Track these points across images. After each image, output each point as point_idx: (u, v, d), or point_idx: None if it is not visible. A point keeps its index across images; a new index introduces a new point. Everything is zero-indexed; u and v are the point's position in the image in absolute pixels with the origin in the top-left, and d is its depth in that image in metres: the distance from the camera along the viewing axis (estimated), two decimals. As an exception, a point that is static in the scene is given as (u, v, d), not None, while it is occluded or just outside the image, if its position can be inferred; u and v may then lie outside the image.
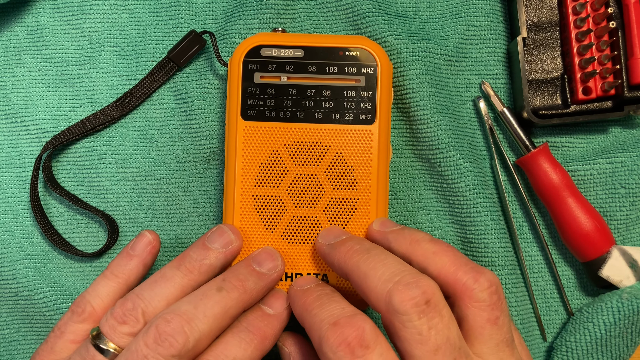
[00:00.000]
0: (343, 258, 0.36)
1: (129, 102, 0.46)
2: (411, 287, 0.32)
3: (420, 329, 0.31)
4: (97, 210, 0.45)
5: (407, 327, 0.31)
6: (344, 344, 0.31)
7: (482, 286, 0.33)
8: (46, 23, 0.47)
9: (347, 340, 0.31)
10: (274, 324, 0.37)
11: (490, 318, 0.33)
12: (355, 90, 0.41)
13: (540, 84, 0.45)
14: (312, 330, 0.33)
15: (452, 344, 0.31)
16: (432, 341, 0.31)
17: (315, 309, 0.34)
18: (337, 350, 0.31)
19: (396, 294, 0.32)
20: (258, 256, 0.39)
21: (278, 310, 0.38)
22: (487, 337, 0.33)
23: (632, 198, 0.45)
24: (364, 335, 0.31)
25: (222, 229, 0.39)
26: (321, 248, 0.39)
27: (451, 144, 0.44)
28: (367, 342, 0.31)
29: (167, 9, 0.47)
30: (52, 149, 0.45)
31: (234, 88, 0.41)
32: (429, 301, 0.32)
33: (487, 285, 0.33)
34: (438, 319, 0.31)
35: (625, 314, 0.41)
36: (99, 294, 0.39)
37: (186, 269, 0.37)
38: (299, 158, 0.41)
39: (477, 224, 0.44)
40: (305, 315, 0.35)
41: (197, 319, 0.34)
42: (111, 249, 0.46)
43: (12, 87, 0.47)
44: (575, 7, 0.44)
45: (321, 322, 0.32)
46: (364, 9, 0.45)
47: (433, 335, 0.31)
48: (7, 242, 0.46)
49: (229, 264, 0.39)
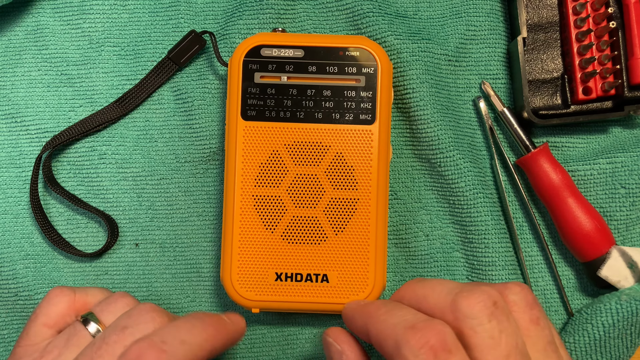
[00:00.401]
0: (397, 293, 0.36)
1: (129, 102, 0.46)
2: (476, 292, 0.32)
3: (491, 332, 0.31)
4: (97, 210, 0.45)
5: (478, 331, 0.31)
6: (427, 346, 0.30)
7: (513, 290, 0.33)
8: (46, 23, 0.47)
9: (429, 343, 0.30)
10: (229, 327, 0.36)
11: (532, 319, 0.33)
12: (356, 90, 0.41)
13: (541, 84, 0.45)
14: (385, 335, 0.32)
15: (521, 351, 0.31)
16: (504, 346, 0.31)
17: (383, 315, 0.33)
18: (419, 353, 0.30)
19: (462, 299, 0.31)
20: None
21: (234, 321, 0.37)
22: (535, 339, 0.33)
23: (632, 198, 0.45)
24: (446, 339, 0.30)
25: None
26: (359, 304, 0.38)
27: (451, 144, 0.44)
28: (450, 346, 0.30)
29: (167, 9, 0.47)
30: (52, 149, 0.45)
31: (234, 88, 0.41)
32: (496, 303, 0.31)
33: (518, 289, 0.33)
34: (507, 323, 0.31)
35: (624, 316, 0.41)
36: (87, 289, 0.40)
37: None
38: (299, 158, 0.41)
39: (477, 224, 0.44)
40: (372, 323, 0.33)
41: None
42: (111, 249, 0.46)
43: (12, 87, 0.47)
44: (576, 7, 0.44)
45: (395, 326, 0.31)
46: (364, 9, 0.45)
47: (504, 339, 0.31)
48: (7, 242, 0.46)
49: None
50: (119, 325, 0.35)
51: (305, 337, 0.45)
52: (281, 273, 0.41)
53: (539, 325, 0.33)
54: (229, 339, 0.36)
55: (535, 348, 0.32)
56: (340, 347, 0.35)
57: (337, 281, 0.41)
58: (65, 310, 0.38)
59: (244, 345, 0.45)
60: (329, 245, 0.41)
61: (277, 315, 0.45)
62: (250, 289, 0.41)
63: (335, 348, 0.36)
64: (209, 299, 0.46)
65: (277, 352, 0.45)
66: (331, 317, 0.45)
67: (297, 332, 0.45)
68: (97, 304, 0.38)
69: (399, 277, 0.46)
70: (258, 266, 0.41)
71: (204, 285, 0.46)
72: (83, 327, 0.36)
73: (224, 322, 0.37)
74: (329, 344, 0.36)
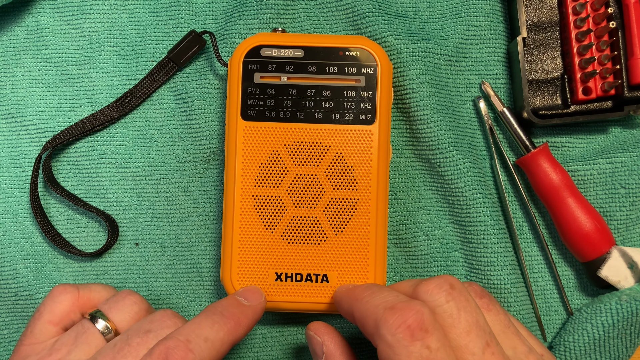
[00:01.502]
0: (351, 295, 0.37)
1: (129, 102, 0.46)
2: (432, 279, 0.33)
3: (450, 312, 0.32)
4: (97, 209, 0.45)
5: (438, 312, 0.32)
6: (404, 325, 0.31)
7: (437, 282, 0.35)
8: (46, 23, 0.47)
9: (406, 323, 0.31)
10: (248, 314, 0.37)
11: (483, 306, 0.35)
12: (355, 90, 0.41)
13: (540, 84, 0.45)
14: (366, 316, 0.33)
15: (482, 327, 0.32)
16: (463, 322, 0.32)
17: (367, 297, 0.34)
18: (396, 332, 0.31)
19: (422, 286, 0.33)
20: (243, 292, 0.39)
21: (253, 303, 0.38)
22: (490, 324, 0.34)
23: (632, 198, 0.45)
24: (424, 319, 0.31)
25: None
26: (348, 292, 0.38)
27: (451, 144, 0.44)
28: (427, 326, 0.31)
29: (167, 9, 0.47)
30: (52, 149, 0.45)
31: (234, 88, 0.41)
32: (454, 286, 0.33)
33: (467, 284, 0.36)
34: (465, 302, 0.32)
35: (624, 316, 0.41)
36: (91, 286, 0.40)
37: None
38: (299, 158, 0.41)
39: (477, 224, 0.44)
40: (356, 305, 0.35)
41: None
42: (111, 249, 0.46)
43: (12, 87, 0.47)
44: (575, 7, 0.44)
45: (376, 307, 0.33)
46: (364, 9, 0.45)
47: (463, 317, 0.32)
48: (8, 242, 0.46)
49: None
50: (142, 329, 0.35)
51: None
52: (281, 273, 0.41)
53: (491, 311, 0.35)
54: (248, 326, 0.37)
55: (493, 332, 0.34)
56: (321, 339, 0.36)
57: (337, 281, 0.41)
58: (70, 307, 0.39)
59: (244, 345, 0.45)
60: (329, 245, 0.41)
61: (277, 315, 0.45)
62: (250, 289, 0.41)
63: (315, 340, 0.37)
64: (209, 299, 0.46)
65: (277, 352, 0.45)
66: (331, 317, 0.45)
67: (297, 332, 0.45)
68: (105, 302, 0.38)
69: (399, 277, 0.46)
70: (258, 266, 0.41)
71: (204, 285, 0.46)
72: (92, 325, 0.37)
73: (243, 308, 0.37)
74: (310, 337, 0.37)
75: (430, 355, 0.30)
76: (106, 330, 0.36)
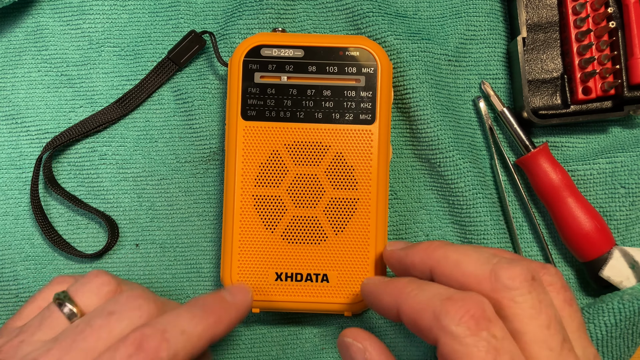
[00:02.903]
0: (426, 253, 0.35)
1: (129, 103, 0.46)
2: (515, 264, 0.32)
3: (532, 303, 0.31)
4: (97, 211, 0.45)
5: (519, 302, 0.31)
6: (467, 314, 0.30)
7: (549, 271, 0.34)
8: (46, 24, 0.47)
9: (470, 312, 0.30)
10: (231, 311, 0.36)
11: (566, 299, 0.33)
12: (355, 90, 0.41)
13: (540, 84, 0.45)
14: (419, 309, 0.32)
15: (559, 322, 0.31)
16: (544, 316, 0.31)
17: (414, 291, 0.33)
18: (460, 321, 0.29)
19: (503, 270, 0.31)
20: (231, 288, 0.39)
21: (238, 301, 0.37)
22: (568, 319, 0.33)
23: (632, 198, 0.45)
24: (485, 309, 0.30)
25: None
26: (394, 253, 0.38)
27: (451, 144, 0.44)
28: (489, 316, 0.30)
29: (167, 9, 0.47)
30: (52, 150, 0.45)
31: (234, 88, 0.41)
32: (535, 277, 0.31)
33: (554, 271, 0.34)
34: (544, 295, 0.31)
35: (626, 315, 0.41)
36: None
37: None
38: (299, 158, 0.41)
39: (477, 224, 0.44)
40: (403, 299, 0.33)
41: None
42: (111, 250, 0.46)
43: (12, 88, 0.47)
44: (575, 7, 0.44)
45: (430, 300, 0.31)
46: (364, 9, 0.45)
47: (544, 310, 0.31)
48: (8, 243, 0.46)
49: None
50: (106, 310, 0.34)
51: (305, 337, 0.45)
52: (281, 273, 0.41)
53: (572, 306, 0.33)
54: (230, 324, 0.36)
55: (569, 328, 0.32)
56: (362, 345, 0.34)
57: (337, 281, 0.41)
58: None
59: (244, 345, 0.45)
60: (329, 245, 0.41)
61: (277, 315, 0.45)
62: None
63: (356, 347, 0.35)
64: (209, 300, 0.46)
65: (277, 352, 0.45)
66: (331, 317, 0.45)
67: (297, 332, 0.45)
68: (74, 283, 0.37)
69: (399, 277, 0.46)
70: (258, 266, 0.41)
71: (204, 285, 0.46)
72: (57, 309, 0.36)
73: (225, 305, 0.37)
74: (348, 344, 0.35)
75: (497, 343, 0.29)
76: (71, 313, 0.35)
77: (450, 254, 0.34)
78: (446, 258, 0.34)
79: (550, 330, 0.30)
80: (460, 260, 0.33)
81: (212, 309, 0.36)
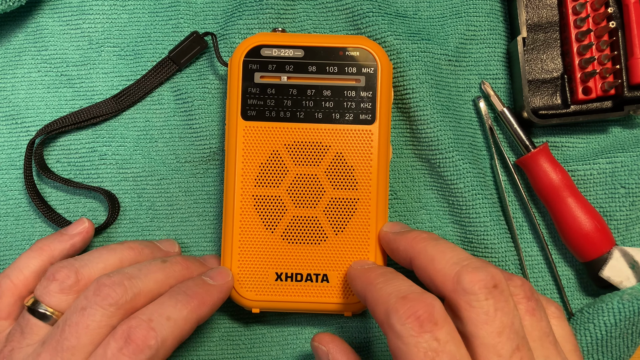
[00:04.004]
0: (410, 243, 0.37)
1: (126, 99, 0.46)
2: (480, 270, 0.32)
3: (487, 309, 0.32)
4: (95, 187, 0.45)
5: (474, 306, 0.32)
6: (414, 316, 0.31)
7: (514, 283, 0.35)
8: (45, 24, 0.47)
9: (416, 314, 0.31)
10: (213, 293, 0.38)
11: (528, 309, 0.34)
12: (355, 90, 0.41)
13: (540, 84, 0.45)
14: (378, 303, 0.33)
15: (517, 330, 0.32)
16: (498, 322, 0.31)
17: (381, 284, 0.34)
18: (405, 322, 0.31)
19: (466, 274, 0.32)
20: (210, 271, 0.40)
21: (219, 282, 0.39)
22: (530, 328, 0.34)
23: (632, 198, 0.45)
24: (434, 312, 0.31)
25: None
26: (386, 235, 0.40)
27: (451, 145, 0.44)
28: (436, 319, 0.31)
29: (167, 9, 0.47)
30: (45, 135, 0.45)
31: (234, 88, 0.41)
32: (497, 285, 0.32)
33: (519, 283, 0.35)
34: (504, 303, 0.32)
35: (626, 315, 0.41)
36: (19, 267, 0.40)
37: (129, 246, 0.40)
38: (299, 158, 0.41)
39: (477, 225, 0.44)
40: (369, 289, 0.35)
41: (138, 278, 0.37)
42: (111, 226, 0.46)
43: (12, 89, 0.47)
44: (575, 7, 0.44)
45: (389, 295, 0.33)
46: (364, 9, 0.45)
47: (499, 317, 0.31)
48: (9, 244, 0.46)
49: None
50: (78, 306, 0.36)
51: (305, 337, 0.45)
52: (281, 273, 0.41)
53: (534, 316, 0.34)
54: (213, 305, 0.38)
55: (530, 337, 0.33)
56: (326, 348, 0.37)
57: (337, 281, 0.41)
58: (11, 299, 0.39)
59: (244, 345, 0.45)
60: (329, 245, 0.41)
61: (277, 315, 0.45)
62: (250, 289, 0.41)
63: (321, 350, 0.37)
64: (209, 300, 0.46)
65: (277, 352, 0.45)
66: (331, 317, 0.45)
67: (297, 332, 0.45)
68: (39, 285, 0.38)
69: (399, 278, 0.46)
70: (258, 266, 0.41)
71: (204, 286, 0.46)
72: (31, 316, 0.37)
73: (207, 287, 0.38)
74: (315, 348, 0.38)
75: (438, 347, 0.30)
76: (45, 316, 0.37)
77: (429, 249, 0.35)
78: (424, 252, 0.35)
79: (501, 338, 0.31)
80: (434, 257, 0.35)
81: (195, 292, 0.37)
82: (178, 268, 0.39)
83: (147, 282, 0.37)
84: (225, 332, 0.45)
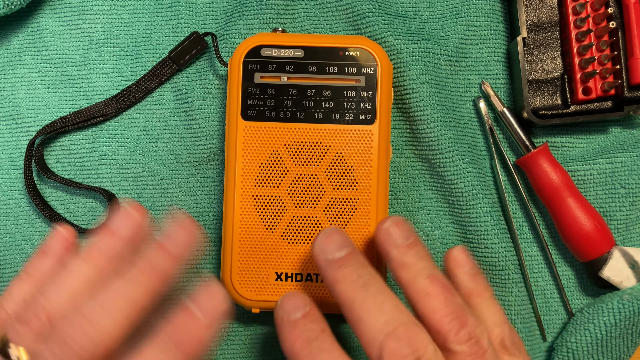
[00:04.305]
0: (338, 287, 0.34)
1: (126, 99, 0.46)
2: (403, 345, 0.31)
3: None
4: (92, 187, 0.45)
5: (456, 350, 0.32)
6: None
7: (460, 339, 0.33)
8: (46, 24, 0.47)
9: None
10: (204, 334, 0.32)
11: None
12: (356, 90, 0.41)
13: (540, 84, 0.45)
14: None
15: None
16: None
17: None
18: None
19: (387, 349, 0.31)
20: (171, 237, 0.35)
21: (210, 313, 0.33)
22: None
23: (632, 198, 0.45)
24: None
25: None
26: (317, 259, 0.36)
27: (451, 145, 0.44)
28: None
29: (167, 10, 0.47)
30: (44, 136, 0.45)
31: (234, 88, 0.41)
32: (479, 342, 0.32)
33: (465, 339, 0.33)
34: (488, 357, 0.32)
35: (625, 315, 0.41)
36: (13, 297, 0.35)
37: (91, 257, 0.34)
38: (299, 158, 0.41)
39: (477, 225, 0.44)
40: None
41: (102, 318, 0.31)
42: None
43: (13, 89, 0.47)
44: (575, 7, 0.44)
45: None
46: (364, 9, 0.45)
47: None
48: (9, 244, 0.46)
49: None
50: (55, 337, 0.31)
51: (306, 337, 0.45)
52: (281, 273, 0.41)
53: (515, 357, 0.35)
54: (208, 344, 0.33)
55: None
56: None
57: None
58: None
59: (244, 345, 0.45)
60: (329, 245, 0.41)
61: (277, 316, 0.45)
62: (250, 289, 0.41)
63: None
64: (209, 300, 0.46)
65: (277, 352, 0.45)
66: (331, 317, 0.45)
67: None
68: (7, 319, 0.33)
69: (399, 278, 0.46)
70: (258, 266, 0.41)
71: (204, 286, 0.46)
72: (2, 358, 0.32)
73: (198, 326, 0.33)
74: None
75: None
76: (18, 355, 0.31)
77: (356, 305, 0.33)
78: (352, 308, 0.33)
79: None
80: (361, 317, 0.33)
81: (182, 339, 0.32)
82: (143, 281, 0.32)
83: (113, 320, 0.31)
84: (225, 332, 0.45)
